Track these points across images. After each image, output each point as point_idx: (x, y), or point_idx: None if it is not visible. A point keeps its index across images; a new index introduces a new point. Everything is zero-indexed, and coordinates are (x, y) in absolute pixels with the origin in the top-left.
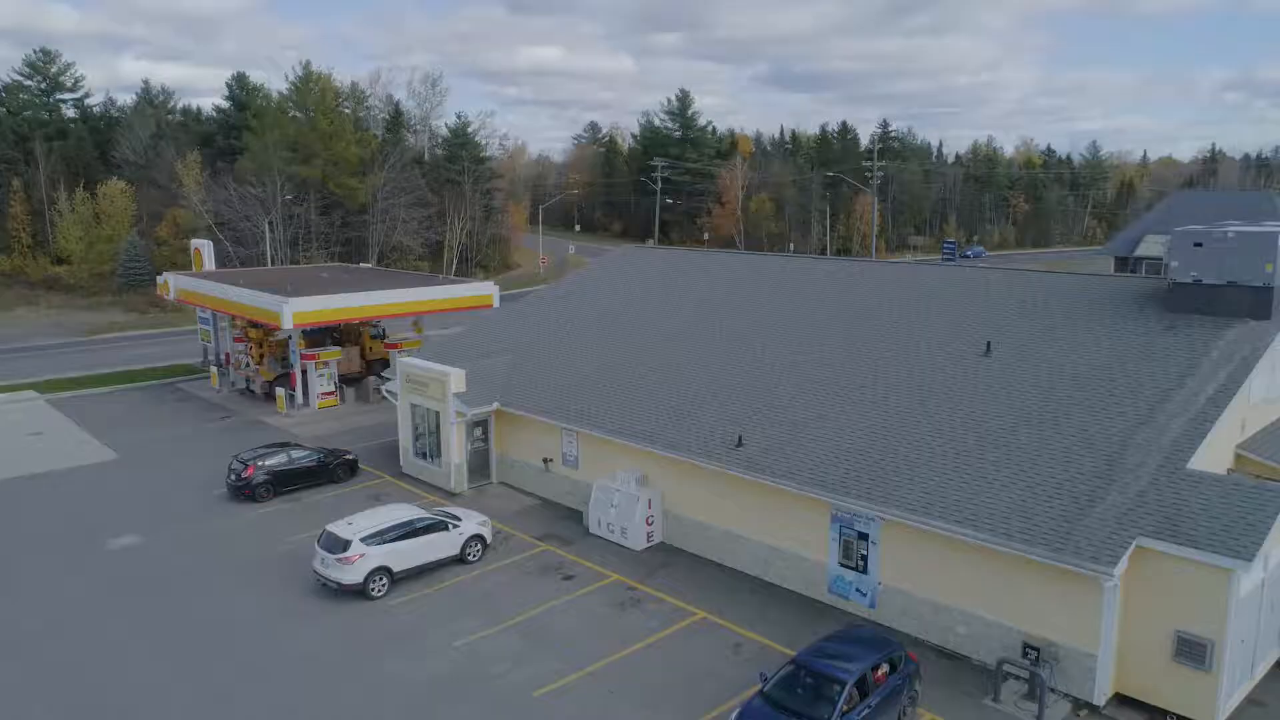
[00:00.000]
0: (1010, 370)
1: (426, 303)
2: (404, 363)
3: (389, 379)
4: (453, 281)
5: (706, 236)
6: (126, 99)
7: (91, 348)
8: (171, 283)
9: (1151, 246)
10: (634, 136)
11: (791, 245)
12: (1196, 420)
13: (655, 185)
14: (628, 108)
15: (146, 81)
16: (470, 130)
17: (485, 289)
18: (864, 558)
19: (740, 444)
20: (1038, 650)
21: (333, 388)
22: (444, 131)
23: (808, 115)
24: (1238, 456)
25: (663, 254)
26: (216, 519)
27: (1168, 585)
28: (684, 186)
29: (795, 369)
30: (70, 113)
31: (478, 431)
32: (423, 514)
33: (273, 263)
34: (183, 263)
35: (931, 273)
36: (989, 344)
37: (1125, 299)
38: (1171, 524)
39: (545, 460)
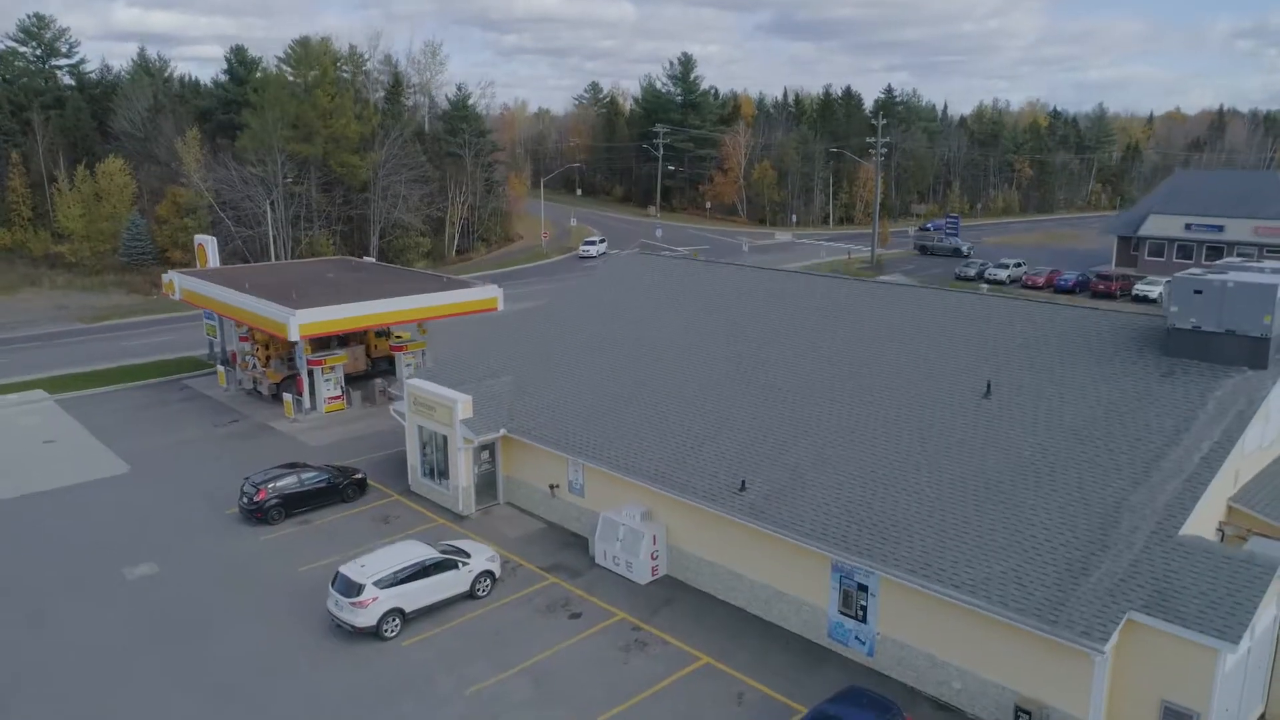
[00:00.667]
0: (1010, 415)
1: (432, 308)
2: (412, 385)
3: (396, 396)
4: (458, 285)
5: (709, 205)
6: (121, 64)
7: (96, 336)
8: (177, 283)
9: (1154, 226)
10: (635, 100)
11: (794, 216)
12: (1190, 483)
13: (657, 153)
14: (628, 55)
15: (143, 49)
16: (470, 103)
17: (489, 293)
18: (863, 608)
19: (743, 488)
20: (1030, 713)
21: (339, 391)
22: (444, 103)
23: (811, 64)
24: (1229, 509)
25: (664, 263)
26: (230, 543)
27: (1156, 657)
28: (686, 153)
29: (797, 402)
30: (66, 80)
31: (484, 454)
32: (432, 553)
33: (275, 242)
34: (184, 241)
35: (935, 300)
36: (989, 385)
37: (1125, 339)
38: (1162, 598)
39: (552, 486)
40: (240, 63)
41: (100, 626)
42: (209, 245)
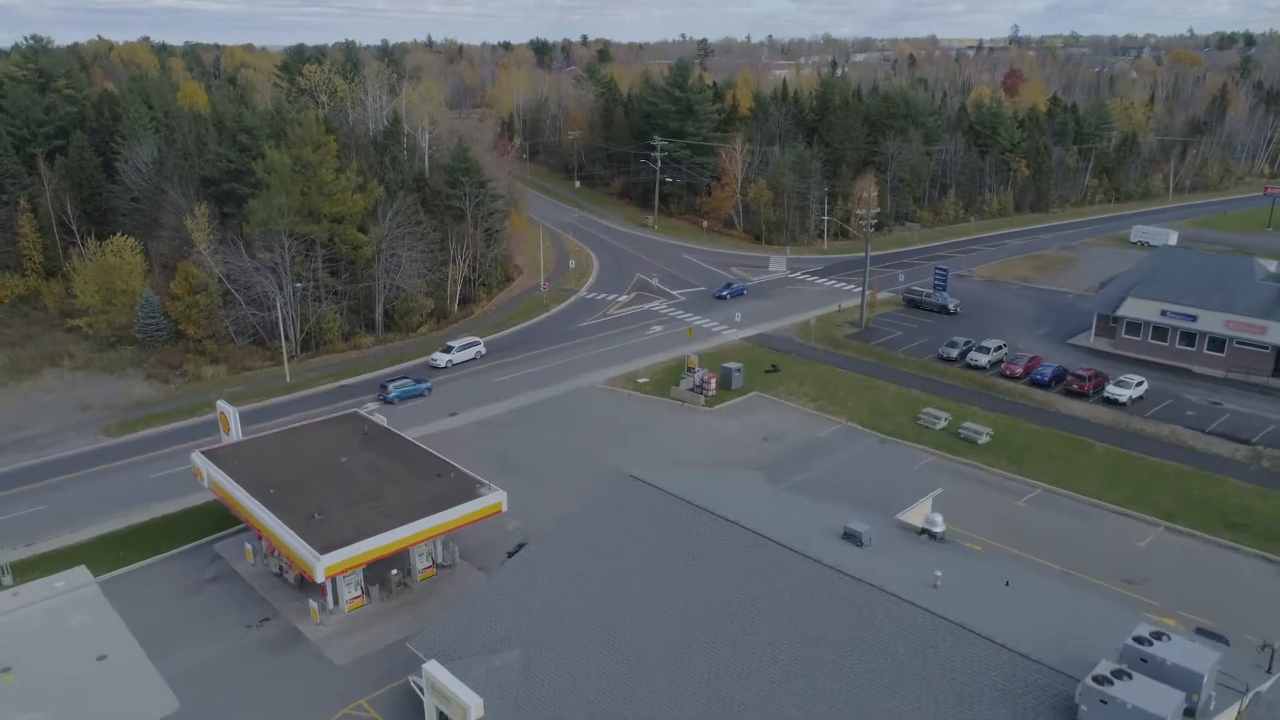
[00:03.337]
0: None
1: (444, 525)
2: (430, 673)
3: (408, 585)
4: (468, 497)
5: (705, 224)
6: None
7: (122, 463)
8: (206, 472)
9: (1131, 308)
10: (632, 98)
11: (789, 250)
12: None
13: (654, 165)
14: None
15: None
16: (471, 157)
17: (493, 499)
18: None
19: None
20: None
21: (359, 590)
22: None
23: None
24: None
25: (665, 510)
26: None
27: None
28: (684, 160)
29: None
30: (67, 107)
31: None
32: None
33: (284, 323)
34: (196, 317)
35: (900, 618)
36: None
37: (1046, 708)
38: None
39: None
40: (243, 130)
41: None
42: (231, 416)
